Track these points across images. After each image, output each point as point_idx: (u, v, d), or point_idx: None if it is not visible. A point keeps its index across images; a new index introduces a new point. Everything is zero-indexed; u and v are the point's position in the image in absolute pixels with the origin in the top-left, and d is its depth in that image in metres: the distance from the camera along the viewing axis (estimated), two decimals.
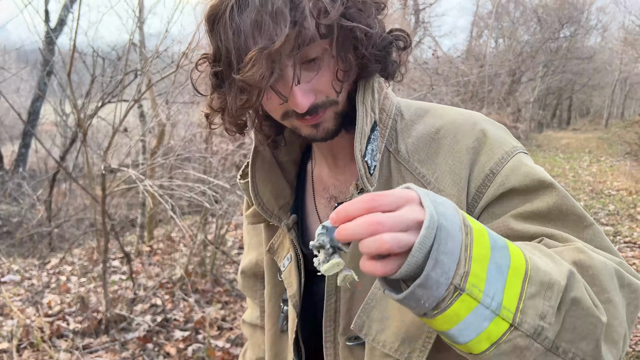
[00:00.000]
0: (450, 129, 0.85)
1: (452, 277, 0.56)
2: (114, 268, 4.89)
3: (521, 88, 21.21)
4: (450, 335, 0.60)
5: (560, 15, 23.16)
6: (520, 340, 0.60)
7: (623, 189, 8.64)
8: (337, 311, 0.90)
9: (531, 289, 0.60)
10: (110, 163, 3.24)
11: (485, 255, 0.59)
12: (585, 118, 36.71)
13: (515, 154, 0.82)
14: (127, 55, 3.26)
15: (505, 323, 0.59)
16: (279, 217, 0.96)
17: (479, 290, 0.58)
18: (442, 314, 0.58)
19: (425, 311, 0.58)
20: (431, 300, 0.56)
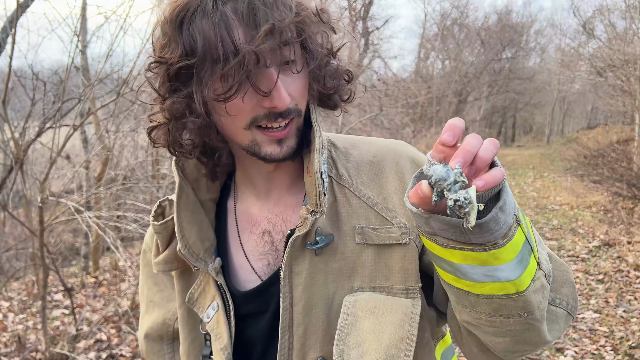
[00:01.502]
0: (386, 152, 0.89)
1: (515, 208, 0.64)
2: (56, 302, 4.64)
3: (467, 107, 21.97)
4: (509, 268, 0.64)
5: (502, 38, 24.27)
6: (543, 279, 0.70)
7: (565, 203, 9.01)
8: (290, 348, 0.85)
9: (537, 237, 0.72)
10: (48, 194, 3.09)
11: (511, 200, 0.65)
12: (528, 135, 38.35)
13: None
14: (67, 80, 3.15)
15: (535, 261, 0.68)
16: (204, 261, 0.88)
17: (525, 224, 0.67)
18: (510, 242, 0.63)
19: (498, 238, 0.62)
20: (505, 225, 0.61)
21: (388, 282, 0.83)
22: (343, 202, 0.85)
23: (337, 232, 0.84)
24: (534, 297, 0.68)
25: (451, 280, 0.70)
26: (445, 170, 0.57)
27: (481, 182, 0.58)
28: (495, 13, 28.59)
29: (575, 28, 21.97)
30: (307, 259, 0.83)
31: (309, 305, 0.84)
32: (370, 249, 0.83)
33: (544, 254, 0.72)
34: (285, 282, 0.83)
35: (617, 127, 16.88)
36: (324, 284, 0.84)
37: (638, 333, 3.73)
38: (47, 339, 3.24)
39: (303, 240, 0.82)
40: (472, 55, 23.17)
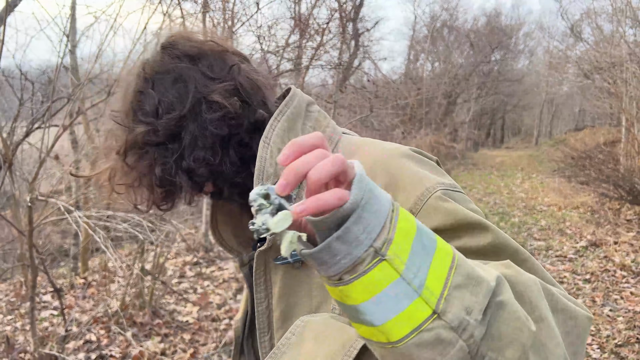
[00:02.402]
0: (367, 164, 0.81)
1: (375, 239, 0.52)
2: (45, 303, 4.61)
3: (457, 109, 22.10)
4: (363, 311, 0.54)
5: (491, 40, 24.45)
6: (444, 332, 0.54)
7: (553, 204, 9.11)
8: (272, 348, 0.89)
9: (457, 279, 0.56)
10: (37, 193, 3.08)
11: (410, 230, 0.55)
12: (517, 137, 38.66)
13: (435, 192, 0.76)
14: (56, 80, 3.13)
15: (429, 308, 0.54)
16: (238, 251, 1.03)
17: (401, 261, 0.53)
18: (360, 279, 0.52)
19: (340, 272, 0.52)
20: (348, 258, 0.51)
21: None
22: None
23: None
24: (420, 353, 0.55)
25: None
26: (254, 192, 0.54)
27: (300, 207, 0.51)
28: (485, 15, 28.80)
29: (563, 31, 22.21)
30: (280, 271, 0.87)
31: (288, 314, 0.87)
32: None
33: (469, 301, 0.55)
34: (259, 288, 0.89)
35: (604, 129, 17.07)
36: (307, 296, 0.85)
37: (624, 331, 3.78)
38: (35, 339, 3.22)
39: (274, 255, 0.87)
40: (462, 57, 23.31)
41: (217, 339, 3.80)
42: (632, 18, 10.85)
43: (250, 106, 0.88)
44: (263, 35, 5.27)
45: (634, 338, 3.66)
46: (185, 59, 0.86)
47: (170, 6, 4.09)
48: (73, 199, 3.74)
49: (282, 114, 0.88)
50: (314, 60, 6.23)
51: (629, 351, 3.52)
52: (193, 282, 5.21)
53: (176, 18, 4.52)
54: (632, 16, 10.73)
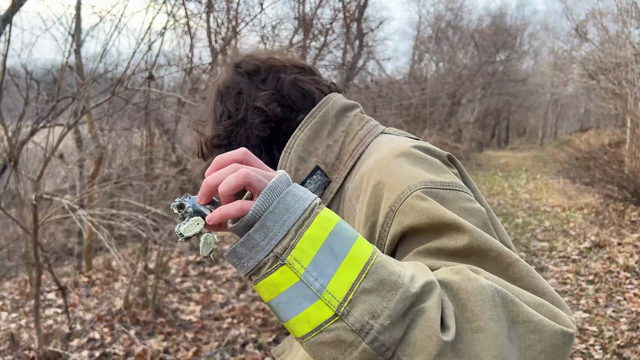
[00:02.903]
0: (370, 164, 0.86)
1: (275, 246, 0.59)
2: (49, 301, 4.64)
3: (461, 109, 22.06)
4: (274, 308, 0.61)
5: (496, 41, 24.39)
6: (345, 334, 0.57)
7: (557, 205, 9.08)
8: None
9: (367, 283, 0.58)
10: (42, 192, 3.10)
11: (320, 236, 0.60)
12: (522, 137, 38.53)
13: (417, 190, 0.75)
14: (61, 79, 3.15)
15: (329, 310, 0.58)
16: None
17: (301, 265, 0.59)
18: (262, 281, 0.60)
19: (248, 273, 0.61)
20: (251, 262, 0.60)
21: None
22: (347, 217, 0.90)
23: None
24: (321, 351, 0.59)
25: None
26: (173, 204, 0.64)
27: (209, 216, 0.62)
28: (489, 16, 28.71)
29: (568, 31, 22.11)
30: None
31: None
32: None
33: (378, 306, 0.57)
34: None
35: (609, 130, 17.00)
36: None
37: (627, 332, 3.77)
38: (40, 337, 3.24)
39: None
40: (466, 57, 23.27)
41: (220, 338, 3.81)
42: (637, 19, 10.80)
43: (293, 111, 0.98)
44: (267, 35, 5.29)
45: (637, 339, 3.65)
46: (246, 75, 1.01)
47: (174, 6, 4.11)
48: (77, 197, 3.76)
49: (305, 125, 0.95)
50: (317, 61, 6.24)
51: (632, 352, 3.51)
52: (196, 281, 5.23)
53: (180, 18, 4.54)
54: (637, 17, 10.68)
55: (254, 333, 3.89)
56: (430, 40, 20.94)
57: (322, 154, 0.93)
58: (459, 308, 0.60)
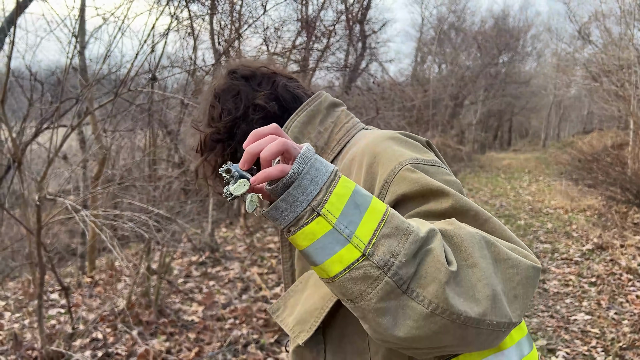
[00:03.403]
0: (363, 147, 1.00)
1: (311, 200, 0.71)
2: (52, 301, 4.66)
3: (464, 111, 22.04)
4: (309, 254, 0.73)
5: (498, 42, 24.36)
6: (371, 270, 0.70)
7: (559, 207, 9.07)
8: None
9: (386, 230, 0.72)
10: (46, 192, 3.12)
11: (345, 194, 0.73)
12: (524, 139, 38.43)
13: (406, 165, 0.90)
14: (64, 81, 3.17)
15: (357, 251, 0.71)
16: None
17: (333, 216, 0.71)
18: (300, 230, 0.71)
19: (288, 225, 0.72)
20: (292, 214, 0.71)
21: None
22: None
23: None
24: (352, 286, 0.71)
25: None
26: (220, 169, 0.74)
27: (253, 178, 0.72)
28: (492, 17, 28.67)
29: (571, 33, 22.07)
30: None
31: (306, 270, 1.06)
32: None
33: (396, 247, 0.70)
34: (284, 249, 1.12)
35: (612, 132, 16.97)
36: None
37: (629, 335, 3.77)
38: (43, 337, 3.26)
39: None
40: (469, 59, 23.25)
41: (222, 339, 3.82)
42: None
43: (288, 110, 1.13)
44: (270, 37, 5.30)
45: (639, 341, 3.65)
46: (242, 79, 1.15)
47: (177, 8, 4.12)
48: (81, 198, 3.78)
49: (302, 111, 1.11)
50: (320, 62, 6.25)
51: (634, 354, 3.51)
52: (199, 282, 5.24)
53: (183, 20, 4.55)
54: None
55: (256, 334, 3.90)
56: (433, 42, 20.93)
57: (314, 137, 1.09)
58: (455, 249, 0.75)
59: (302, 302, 0.98)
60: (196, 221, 6.37)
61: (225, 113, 1.13)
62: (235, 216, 8.61)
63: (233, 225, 8.37)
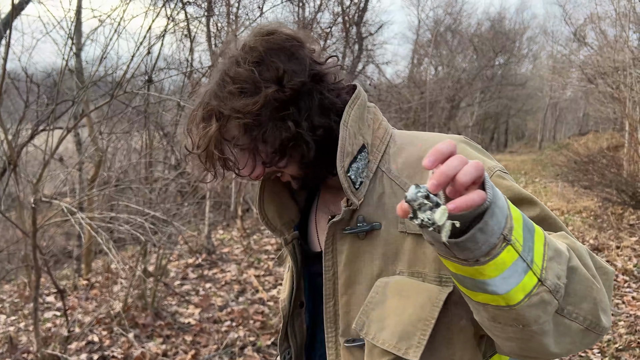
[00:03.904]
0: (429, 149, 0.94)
1: (503, 228, 0.67)
2: (48, 304, 4.64)
3: (460, 113, 22.10)
4: (495, 284, 0.69)
5: (495, 45, 24.44)
6: (546, 295, 0.71)
7: (556, 208, 9.09)
8: (336, 314, 1.00)
9: (550, 253, 0.73)
10: (42, 195, 3.11)
11: (519, 218, 0.71)
12: (521, 141, 38.53)
13: (495, 172, 0.93)
14: (60, 82, 3.17)
15: (535, 277, 0.71)
16: (281, 232, 1.11)
17: (519, 244, 0.69)
18: (493, 260, 0.67)
19: (478, 256, 0.67)
20: (486, 245, 0.66)
21: (425, 270, 0.92)
22: (389, 194, 0.96)
23: (384, 221, 0.95)
24: (529, 312, 0.71)
25: (456, 283, 0.78)
26: (415, 192, 0.63)
27: (452, 205, 0.62)
28: (488, 20, 28.75)
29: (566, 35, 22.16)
30: (347, 241, 0.97)
31: (352, 280, 0.98)
32: (410, 238, 0.93)
33: (557, 269, 0.72)
34: (327, 257, 1.00)
35: (607, 134, 17.04)
36: (369, 264, 0.96)
37: (625, 336, 3.78)
38: (38, 340, 3.24)
39: (344, 225, 0.97)
40: (465, 61, 23.30)
41: (219, 341, 3.81)
42: (635, 23, 10.84)
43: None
44: None
45: (635, 342, 3.66)
46: (294, 41, 0.97)
47: (174, 10, 4.13)
48: (77, 200, 3.77)
49: (354, 104, 0.99)
50: None
51: (630, 355, 3.52)
52: (195, 284, 5.23)
53: (180, 22, 4.55)
54: (635, 21, 10.72)
55: (252, 336, 3.89)
56: (429, 44, 20.98)
57: (365, 134, 0.99)
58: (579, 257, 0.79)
59: (391, 314, 0.90)
60: (193, 223, 6.36)
61: (288, 74, 0.93)
62: (231, 218, 8.60)
63: (230, 227, 8.36)
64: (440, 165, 0.64)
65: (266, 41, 0.95)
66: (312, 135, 0.94)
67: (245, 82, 0.92)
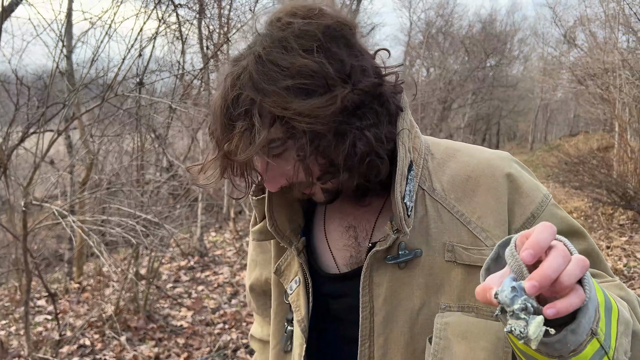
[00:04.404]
0: (485, 167, 0.85)
1: (592, 322, 0.59)
2: (39, 308, 4.61)
3: (452, 114, 22.19)
4: None
5: (486, 46, 24.58)
6: None
7: None
8: (371, 357, 0.87)
9: (620, 328, 0.64)
10: (32, 198, 3.09)
11: (602, 300, 0.63)
12: (512, 142, 38.73)
13: (551, 199, 0.86)
14: (51, 85, 3.15)
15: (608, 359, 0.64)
16: (289, 240, 0.93)
17: (603, 333, 0.61)
18: (576, 356, 0.60)
19: (564, 354, 0.60)
20: (573, 344, 0.59)
21: (477, 303, 0.81)
22: (434, 217, 0.84)
23: (426, 247, 0.83)
24: None
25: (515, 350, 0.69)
26: (511, 297, 0.55)
27: (552, 311, 0.54)
28: (479, 22, 28.91)
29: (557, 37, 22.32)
30: (388, 272, 0.84)
31: (391, 316, 0.85)
32: (459, 268, 0.82)
33: (625, 344, 0.65)
34: (365, 292, 0.85)
35: (597, 135, 17.17)
36: (408, 297, 0.84)
37: None
38: (30, 344, 3.23)
39: (384, 254, 0.83)
40: (457, 63, 23.40)
41: (211, 344, 3.81)
42: (624, 24, 10.94)
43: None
44: None
45: None
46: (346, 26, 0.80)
47: (165, 12, 4.12)
48: (68, 203, 3.75)
49: (406, 111, 0.85)
50: None
51: None
52: (187, 287, 5.21)
53: (171, 24, 4.55)
54: (624, 22, 10.82)
55: (245, 338, 3.89)
56: (421, 46, 21.07)
57: (410, 149, 0.84)
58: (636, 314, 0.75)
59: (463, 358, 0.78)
60: (185, 226, 6.34)
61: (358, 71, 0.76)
62: (224, 220, 8.59)
63: (222, 230, 8.34)
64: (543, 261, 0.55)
65: (323, 26, 0.76)
66: (384, 149, 0.79)
67: (312, 77, 0.73)
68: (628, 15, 10.36)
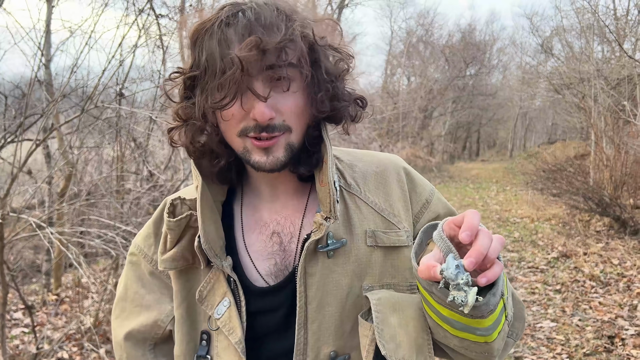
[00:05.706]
0: (387, 163, 1.03)
1: (502, 287, 0.76)
2: (16, 320, 4.52)
3: (433, 123, 22.42)
4: (487, 330, 0.78)
5: (465, 56, 24.95)
6: (507, 327, 0.84)
7: (526, 216, 9.29)
8: (305, 343, 0.90)
9: (510, 288, 0.86)
10: (9, 209, 3.04)
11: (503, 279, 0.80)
12: (492, 149, 39.27)
13: (435, 190, 1.06)
14: (29, 94, 3.12)
15: (505, 317, 0.81)
16: (220, 258, 0.91)
17: (505, 294, 0.80)
18: (493, 313, 0.76)
19: (484, 313, 0.74)
20: (493, 305, 0.74)
21: (394, 280, 0.95)
22: (354, 209, 0.96)
23: (350, 236, 0.94)
24: (498, 343, 0.82)
25: (433, 317, 0.82)
26: (456, 273, 0.67)
27: (484, 280, 0.69)
28: (459, 31, 29.37)
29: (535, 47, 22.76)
30: (319, 261, 0.91)
31: (323, 303, 0.91)
32: (379, 251, 0.94)
33: (511, 301, 0.85)
34: (301, 282, 0.89)
35: (575, 143, 17.52)
36: (337, 284, 0.92)
37: (592, 341, 3.88)
38: (6, 358, 3.16)
39: (316, 244, 0.90)
40: (437, 71, 23.72)
41: None
42: (599, 35, 11.22)
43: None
44: None
45: (602, 347, 3.76)
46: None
47: (146, 21, 4.11)
48: (46, 214, 3.70)
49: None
50: None
51: None
52: None
53: (153, 34, 4.54)
54: (599, 33, 11.10)
55: None
56: (402, 55, 21.30)
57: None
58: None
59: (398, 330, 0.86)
60: None
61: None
62: None
63: None
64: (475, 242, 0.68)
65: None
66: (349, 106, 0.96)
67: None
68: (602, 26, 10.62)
